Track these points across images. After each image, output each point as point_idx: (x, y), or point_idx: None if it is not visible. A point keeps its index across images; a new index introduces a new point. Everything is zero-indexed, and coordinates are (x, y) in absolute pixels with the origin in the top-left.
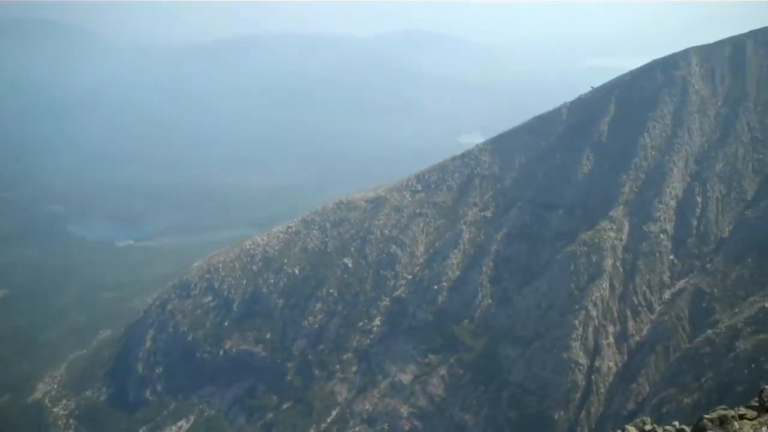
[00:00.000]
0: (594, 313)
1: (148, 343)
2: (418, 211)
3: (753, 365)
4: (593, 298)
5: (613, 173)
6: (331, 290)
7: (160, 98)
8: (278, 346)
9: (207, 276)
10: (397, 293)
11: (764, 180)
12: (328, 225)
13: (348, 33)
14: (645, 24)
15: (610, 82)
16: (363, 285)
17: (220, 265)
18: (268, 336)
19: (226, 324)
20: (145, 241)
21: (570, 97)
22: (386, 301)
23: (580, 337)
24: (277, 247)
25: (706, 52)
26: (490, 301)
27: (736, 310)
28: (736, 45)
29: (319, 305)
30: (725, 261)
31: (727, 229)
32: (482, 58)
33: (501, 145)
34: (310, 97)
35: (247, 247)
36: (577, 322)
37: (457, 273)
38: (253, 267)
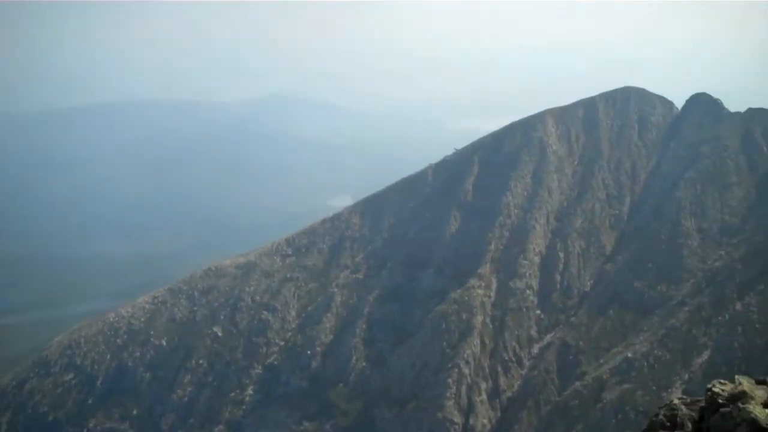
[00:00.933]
0: (466, 370)
1: (4, 428)
2: (289, 275)
3: (619, 415)
4: (465, 355)
5: (479, 232)
6: (201, 361)
7: (13, 167)
8: (146, 422)
9: (68, 352)
10: (269, 360)
11: (620, 235)
12: (196, 293)
13: (213, 99)
14: (505, 86)
15: (472, 144)
16: (234, 354)
17: (82, 339)
18: (135, 412)
19: (89, 402)
20: None
21: (435, 159)
22: (259, 369)
23: (453, 395)
24: (142, 319)
25: (561, 113)
26: (364, 363)
27: (601, 361)
28: (587, 107)
29: (188, 377)
30: (588, 314)
31: (588, 283)
32: (349, 122)
33: (370, 206)
34: (180, 163)
35: (111, 319)
36: (450, 380)
37: (331, 337)
38: (118, 340)
